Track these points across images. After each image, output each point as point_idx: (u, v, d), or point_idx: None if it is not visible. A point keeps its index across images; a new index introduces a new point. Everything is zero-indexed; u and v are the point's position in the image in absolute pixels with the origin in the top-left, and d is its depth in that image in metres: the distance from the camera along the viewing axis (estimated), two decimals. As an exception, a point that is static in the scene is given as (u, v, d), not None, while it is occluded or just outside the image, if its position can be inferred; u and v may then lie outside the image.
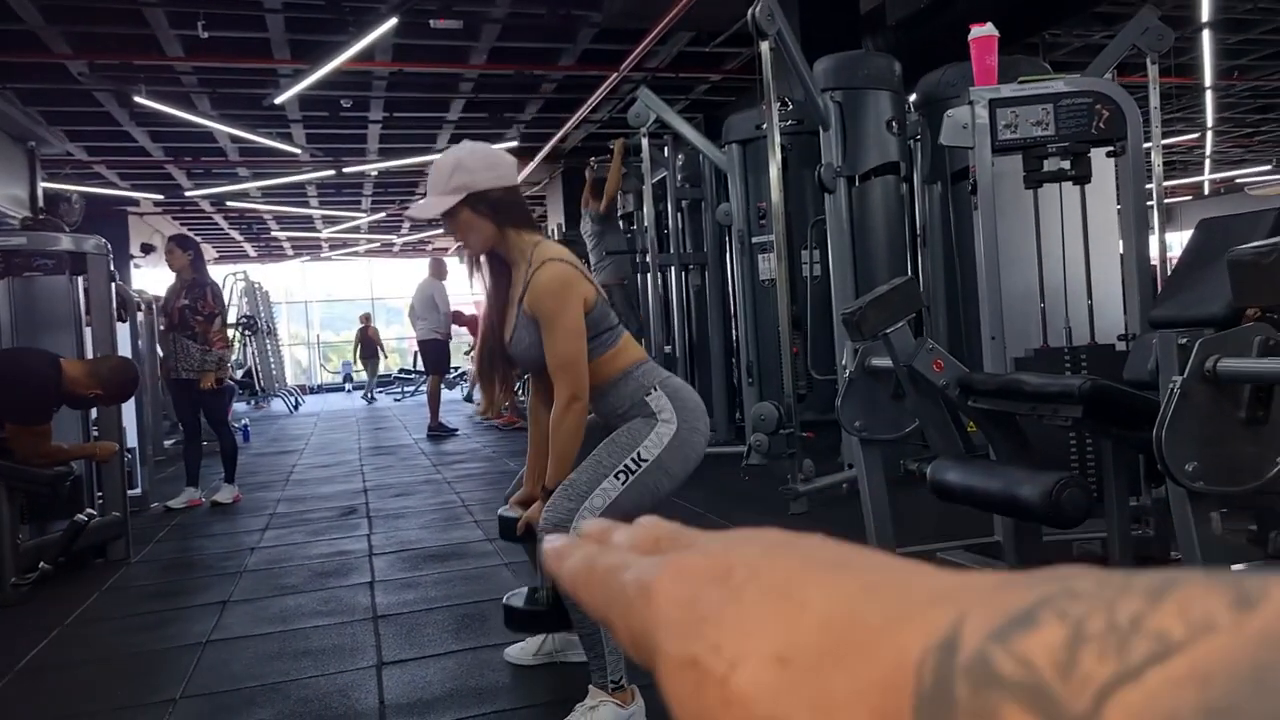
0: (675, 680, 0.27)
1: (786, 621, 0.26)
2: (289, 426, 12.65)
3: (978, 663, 0.22)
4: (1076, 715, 0.20)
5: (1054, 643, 0.21)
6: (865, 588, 0.26)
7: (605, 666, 2.40)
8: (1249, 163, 17.00)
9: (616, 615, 0.31)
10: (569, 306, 2.43)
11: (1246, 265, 1.99)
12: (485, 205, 2.46)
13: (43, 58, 7.81)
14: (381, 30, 7.09)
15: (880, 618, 0.25)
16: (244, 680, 3.03)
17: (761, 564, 0.28)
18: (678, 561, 0.30)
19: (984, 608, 0.23)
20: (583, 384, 2.44)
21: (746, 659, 0.26)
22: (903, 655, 0.24)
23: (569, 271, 2.46)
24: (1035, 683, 0.21)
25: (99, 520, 4.63)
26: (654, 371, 2.57)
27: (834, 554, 0.28)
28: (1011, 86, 3.59)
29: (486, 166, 2.47)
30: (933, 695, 0.23)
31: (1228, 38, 9.22)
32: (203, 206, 15.88)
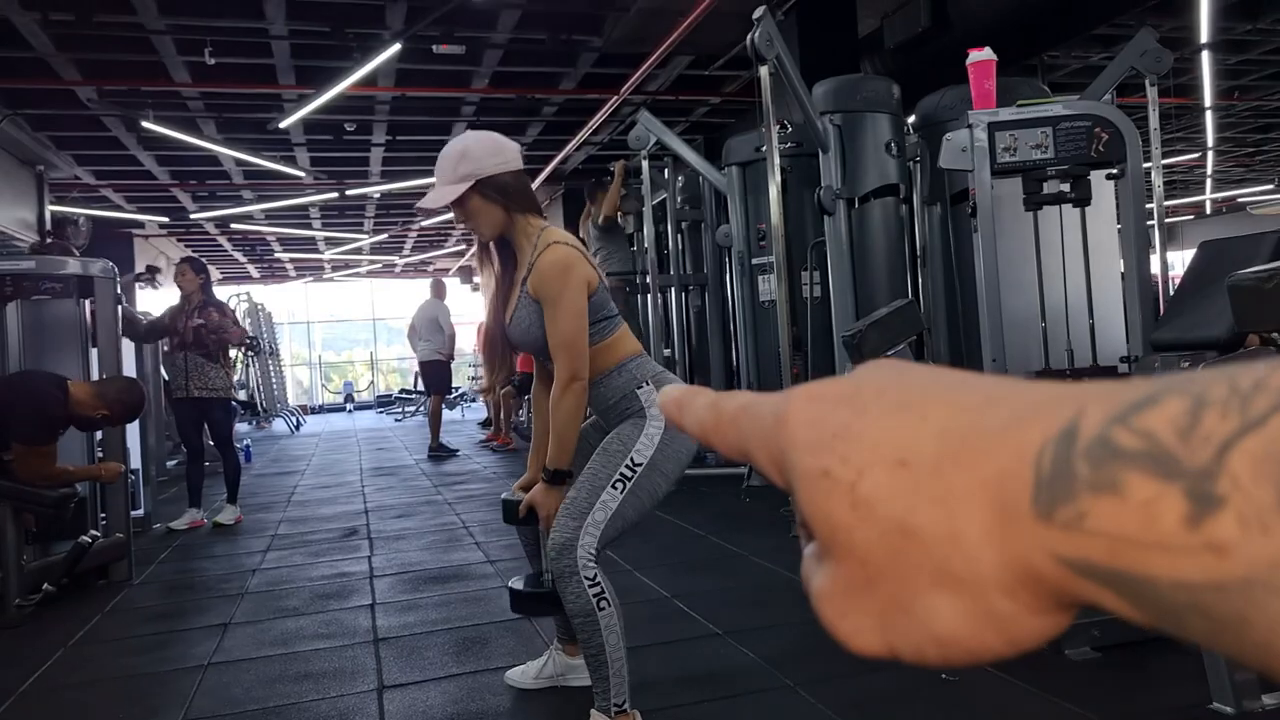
0: (809, 490, 0.29)
1: (908, 431, 0.27)
2: (290, 447, 12.65)
3: (1098, 443, 0.23)
4: (1198, 469, 0.21)
5: (1176, 413, 0.22)
6: (985, 399, 0.27)
7: (609, 690, 2.40)
8: (1250, 182, 17.03)
9: (755, 446, 0.32)
10: (571, 287, 2.44)
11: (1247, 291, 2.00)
12: (493, 190, 2.48)
13: (53, 84, 7.88)
14: (385, 56, 7.14)
15: (999, 422, 0.26)
16: (245, 704, 3.03)
17: (887, 384, 0.29)
18: (808, 388, 0.31)
19: (1103, 401, 0.24)
20: (582, 364, 2.44)
21: (872, 466, 0.27)
22: (1022, 449, 0.25)
23: (573, 254, 2.48)
24: (1156, 448, 0.22)
25: (102, 541, 4.63)
26: (647, 365, 2.58)
27: (956, 376, 0.29)
28: (1010, 110, 3.62)
29: (492, 153, 2.49)
30: (1052, 478, 0.24)
31: (1227, 58, 9.26)
32: (207, 228, 15.93)
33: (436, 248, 19.84)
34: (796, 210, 5.99)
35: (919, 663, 0.27)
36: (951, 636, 0.26)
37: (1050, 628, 0.26)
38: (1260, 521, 0.20)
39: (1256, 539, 0.20)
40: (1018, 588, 0.25)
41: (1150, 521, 0.22)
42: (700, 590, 4.03)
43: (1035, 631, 0.26)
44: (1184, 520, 0.21)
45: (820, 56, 6.68)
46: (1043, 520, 0.24)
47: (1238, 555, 0.20)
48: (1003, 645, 0.26)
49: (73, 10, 6.45)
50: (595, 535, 2.37)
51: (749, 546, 4.73)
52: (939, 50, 6.66)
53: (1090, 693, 2.65)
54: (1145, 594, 0.22)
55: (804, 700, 2.75)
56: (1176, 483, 0.21)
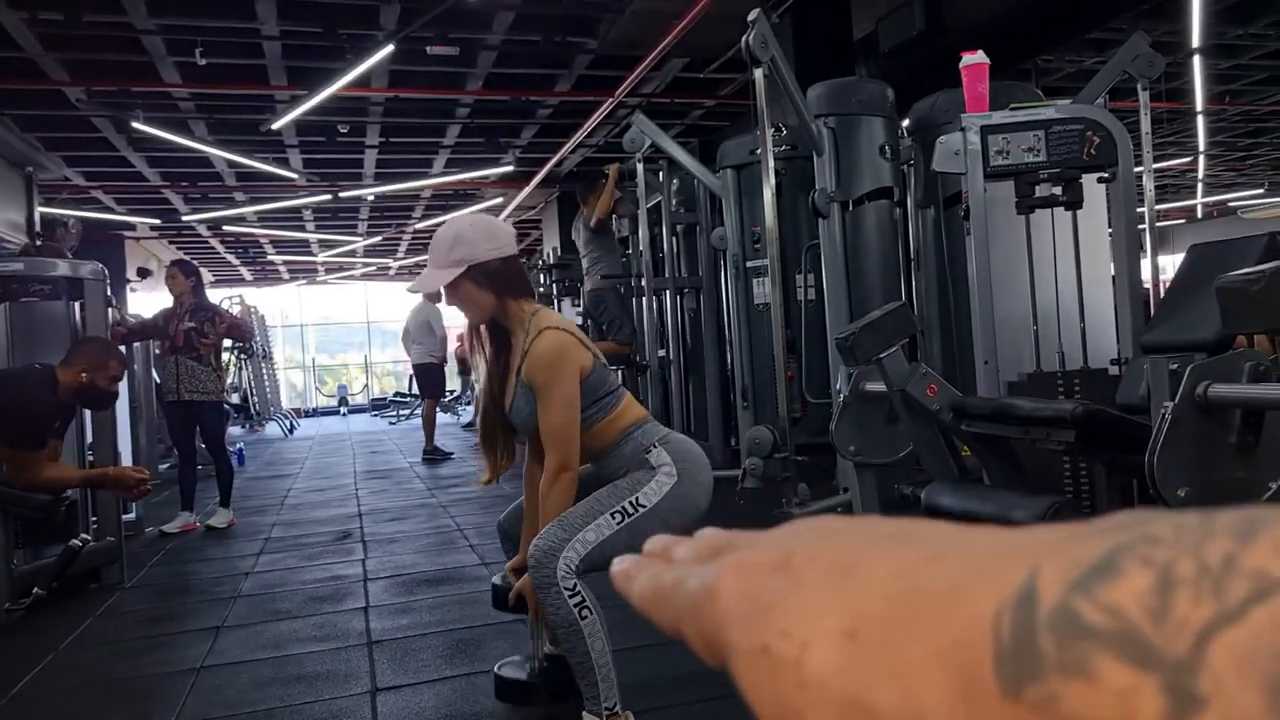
0: (749, 671, 0.27)
1: (851, 597, 0.26)
2: (284, 450, 12.62)
3: (1061, 615, 0.22)
4: (1176, 660, 0.20)
5: (1142, 589, 0.21)
6: (928, 556, 0.26)
7: (599, 694, 2.39)
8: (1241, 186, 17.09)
9: (686, 624, 0.31)
10: (564, 377, 2.46)
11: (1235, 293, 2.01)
12: (484, 276, 2.50)
13: (41, 84, 7.85)
14: (378, 57, 7.13)
15: (948, 582, 0.24)
16: (238, 706, 3.02)
17: (819, 548, 0.28)
18: (736, 559, 0.30)
19: (1057, 560, 0.22)
20: (572, 455, 2.47)
21: (816, 639, 0.25)
22: (977, 614, 0.23)
23: (566, 340, 2.49)
24: (1127, 630, 0.21)
25: (93, 545, 4.61)
26: (653, 430, 2.60)
27: (891, 529, 0.28)
28: (1003, 113, 3.63)
29: (486, 238, 2.52)
30: (1015, 650, 0.22)
31: (1219, 63, 9.29)
32: (199, 231, 15.89)
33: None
34: (791, 213, 5.99)
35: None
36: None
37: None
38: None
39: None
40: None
41: (1127, 713, 0.20)
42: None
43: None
44: (1163, 716, 0.20)
45: (815, 59, 6.69)
46: (1009, 698, 0.22)
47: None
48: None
49: (61, 9, 6.43)
50: (580, 553, 2.36)
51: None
52: (933, 54, 6.68)
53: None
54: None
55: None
56: (1154, 673, 0.20)
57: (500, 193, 13.55)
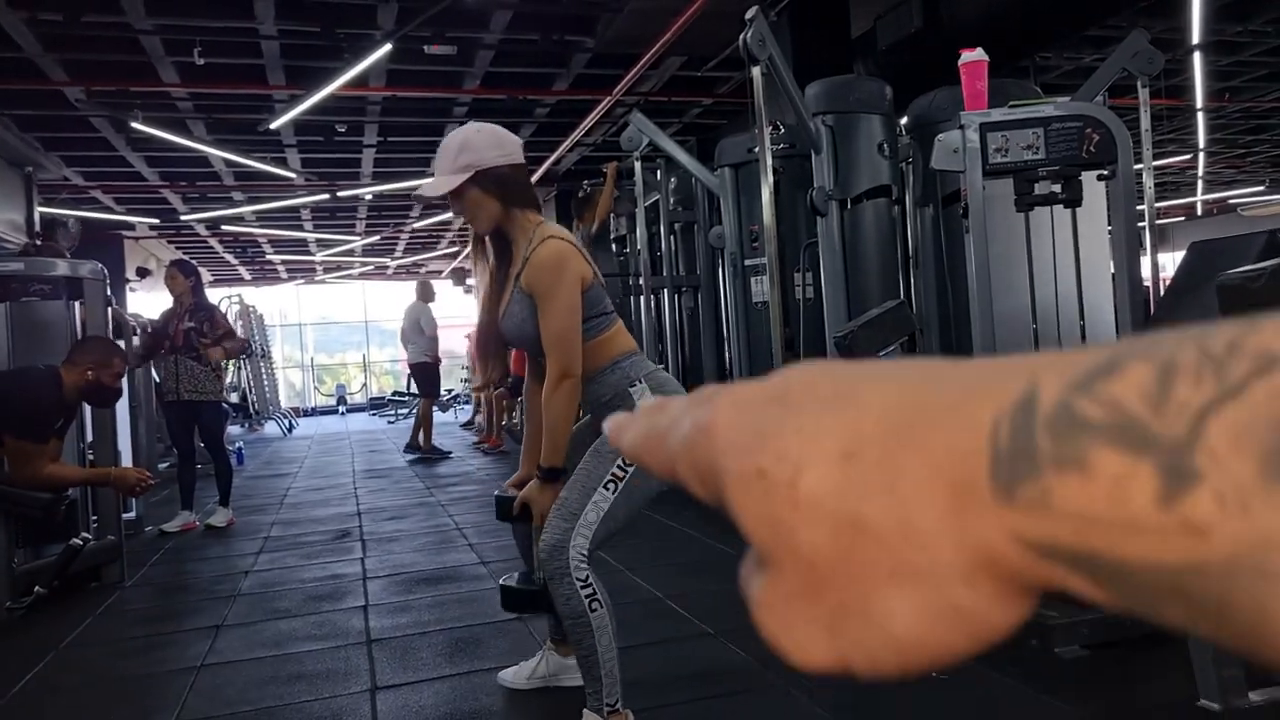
0: (742, 494, 0.27)
1: (848, 419, 0.25)
2: (283, 449, 12.62)
3: (1060, 413, 0.21)
4: (1173, 442, 0.19)
5: (1143, 381, 0.21)
6: (925, 379, 0.25)
7: (601, 690, 2.39)
8: (1241, 183, 17.09)
9: (681, 462, 0.30)
10: (565, 282, 2.44)
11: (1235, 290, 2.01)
12: (492, 183, 2.48)
13: (40, 85, 7.85)
14: (376, 56, 7.13)
15: (947, 399, 0.24)
16: (238, 705, 3.02)
17: (818, 379, 0.27)
18: (732, 393, 0.29)
19: (1060, 369, 0.22)
20: (575, 360, 2.44)
21: (811, 460, 0.25)
22: (975, 425, 0.23)
23: (568, 249, 2.48)
24: (1125, 419, 0.20)
25: (94, 544, 4.61)
26: (641, 364, 2.58)
27: (889, 366, 0.27)
28: (1002, 110, 3.63)
29: (493, 145, 2.49)
30: (1011, 453, 0.22)
31: (1219, 60, 9.29)
32: (198, 230, 15.89)
33: (429, 250, 19.83)
34: (789, 211, 5.99)
35: (873, 674, 0.25)
36: (910, 636, 0.24)
37: (1014, 617, 0.24)
38: (1240, 499, 0.19)
39: (1237, 517, 0.19)
40: (979, 575, 0.23)
41: (1121, 500, 0.20)
42: (693, 590, 4.03)
43: (999, 622, 0.24)
44: (1157, 498, 0.20)
45: (813, 57, 6.69)
46: (1003, 500, 0.22)
47: (1218, 536, 0.19)
48: (965, 641, 0.24)
49: (60, 10, 6.43)
50: (587, 536, 2.37)
51: (742, 546, 4.69)
52: (931, 51, 6.68)
53: (1080, 690, 2.66)
54: (1117, 578, 0.21)
55: (795, 700, 2.76)
56: (1148, 457, 0.20)
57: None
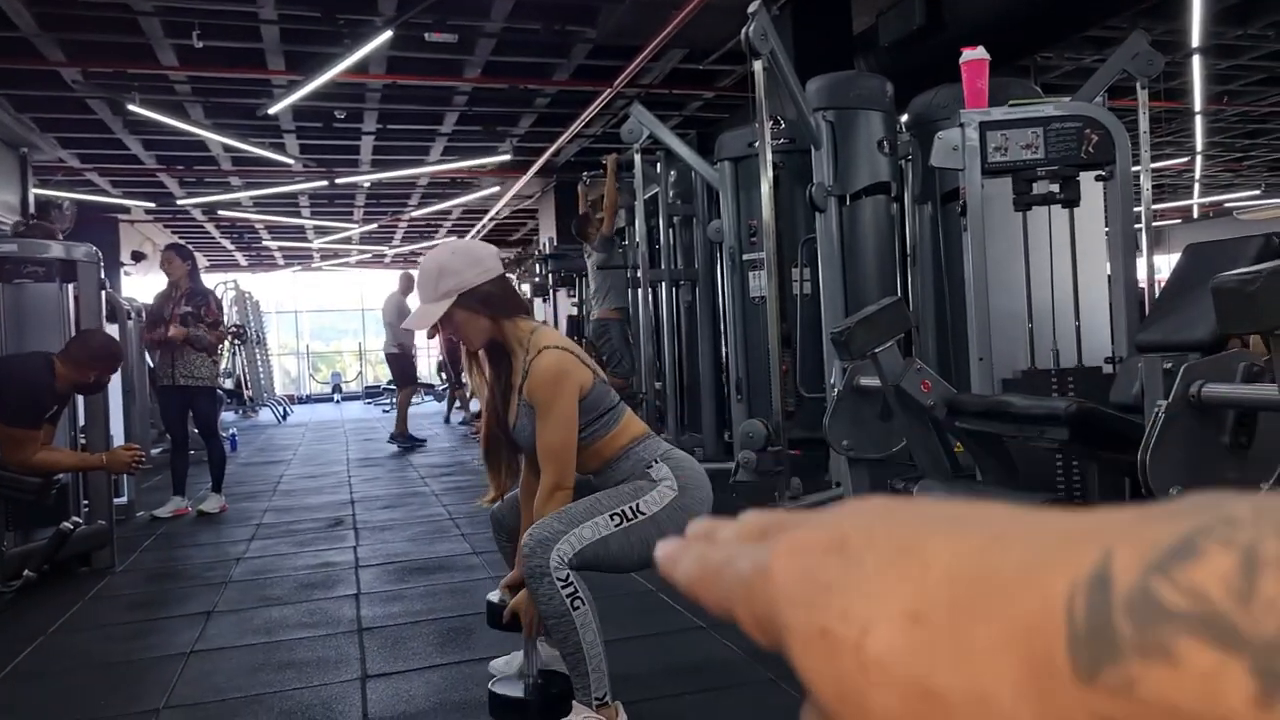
0: (807, 654, 0.26)
1: (913, 580, 0.25)
2: (277, 436, 12.61)
3: (1140, 596, 0.21)
4: (1265, 642, 0.19)
5: (1225, 570, 0.20)
6: (992, 538, 0.25)
7: (589, 684, 2.40)
8: (1238, 187, 17.10)
9: (739, 605, 0.30)
10: (563, 395, 2.47)
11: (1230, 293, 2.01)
12: (477, 302, 2.51)
13: (37, 65, 7.81)
14: (376, 43, 7.10)
15: (1015, 564, 0.24)
16: (227, 691, 3.02)
17: (877, 529, 0.27)
18: (790, 538, 0.29)
19: (1132, 542, 0.22)
20: (568, 473, 2.48)
21: (877, 622, 0.25)
22: (1047, 598, 0.22)
23: (565, 359, 2.50)
24: (1211, 612, 0.20)
25: (84, 528, 4.60)
26: (655, 445, 2.61)
27: (950, 511, 0.27)
28: (1002, 109, 3.63)
29: (470, 264, 2.52)
30: (1090, 633, 0.21)
31: (1218, 63, 9.29)
32: (194, 215, 15.84)
33: (427, 239, 19.80)
34: (788, 206, 5.98)
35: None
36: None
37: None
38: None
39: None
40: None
41: (1213, 696, 0.20)
42: (685, 584, 4.03)
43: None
44: (1255, 700, 0.19)
45: (814, 53, 6.68)
46: (1084, 681, 0.22)
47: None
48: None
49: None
50: (574, 547, 2.37)
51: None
52: (933, 49, 6.67)
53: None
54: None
55: (786, 693, 2.76)
56: (1241, 655, 0.20)
57: (497, 181, 13.52)
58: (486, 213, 16.04)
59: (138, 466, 4.46)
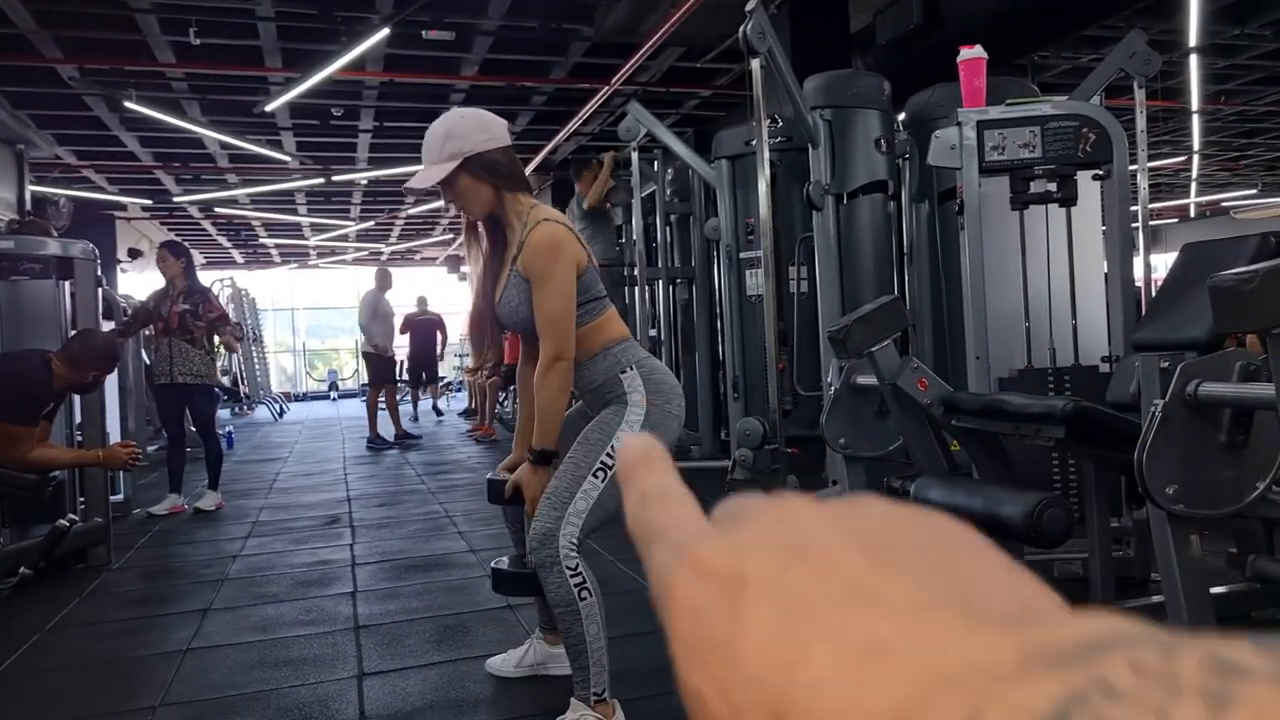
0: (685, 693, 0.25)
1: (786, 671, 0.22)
2: (273, 434, 12.60)
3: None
4: None
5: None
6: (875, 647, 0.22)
7: (589, 679, 2.40)
8: (1235, 186, 17.13)
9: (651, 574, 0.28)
10: (560, 266, 2.44)
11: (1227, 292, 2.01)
12: (481, 168, 2.47)
13: (34, 61, 7.79)
14: (373, 40, 7.09)
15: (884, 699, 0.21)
16: (224, 689, 3.02)
17: (773, 581, 0.24)
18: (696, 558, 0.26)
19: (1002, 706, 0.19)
20: (568, 344, 2.44)
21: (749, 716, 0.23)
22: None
23: (563, 232, 2.48)
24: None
25: (81, 525, 4.59)
26: (632, 350, 2.58)
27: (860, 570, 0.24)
28: (999, 108, 3.63)
29: (478, 129, 2.48)
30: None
31: (1215, 62, 9.30)
32: (191, 212, 15.81)
33: (423, 236, 19.78)
34: (785, 205, 5.99)
35: None
36: None
37: None
38: None
39: None
40: None
41: None
42: (681, 582, 4.03)
43: None
44: None
45: (812, 51, 6.68)
46: None
47: None
48: None
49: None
50: (577, 525, 2.37)
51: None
52: (930, 47, 6.67)
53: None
54: None
55: (783, 693, 2.76)
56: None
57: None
58: (483, 210, 16.02)
59: (134, 463, 4.48)
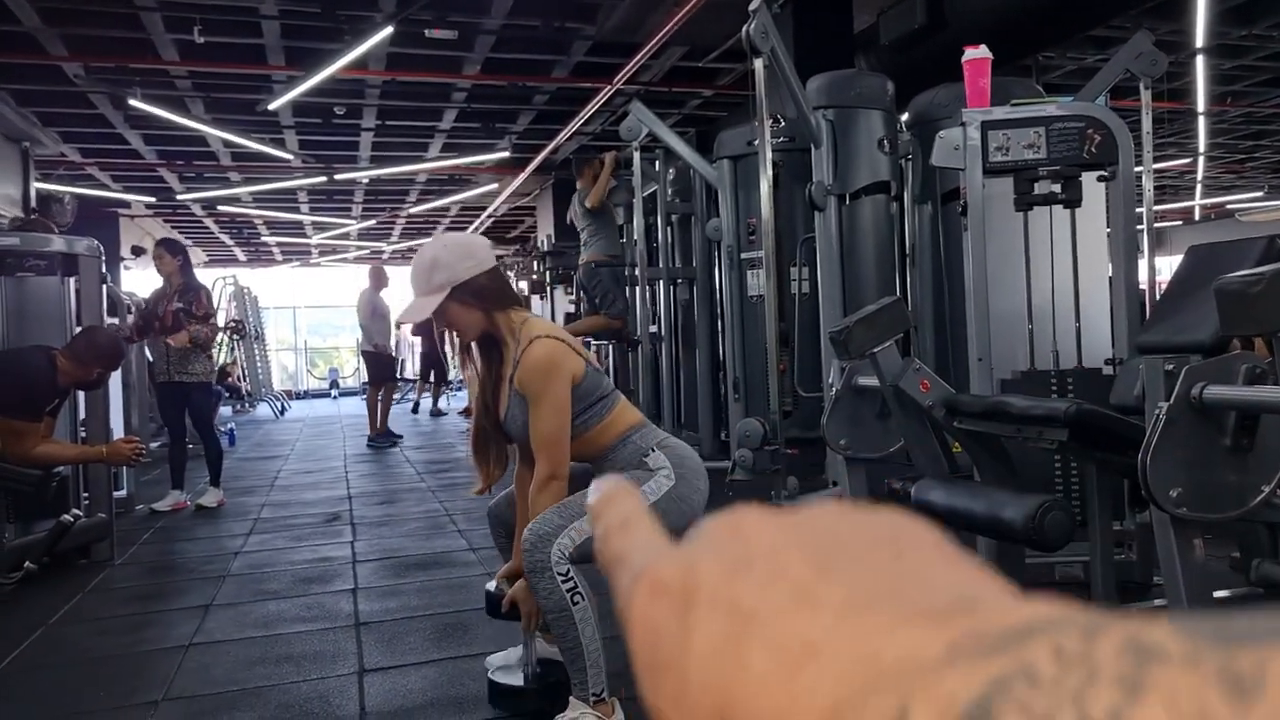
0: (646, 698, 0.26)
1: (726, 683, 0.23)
2: (274, 431, 12.60)
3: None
4: None
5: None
6: (810, 651, 0.23)
7: (587, 680, 2.40)
8: (1240, 189, 17.10)
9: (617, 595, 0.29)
10: (555, 384, 2.47)
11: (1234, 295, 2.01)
12: (470, 295, 2.51)
13: (39, 59, 7.80)
14: (376, 39, 7.09)
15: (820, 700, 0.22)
16: (225, 685, 3.02)
17: (719, 591, 0.25)
18: (652, 576, 0.27)
19: (929, 699, 0.20)
20: (562, 462, 2.48)
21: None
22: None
23: (557, 348, 2.50)
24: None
25: (84, 521, 4.60)
26: (651, 434, 2.61)
27: (803, 576, 0.24)
28: (1004, 109, 3.62)
29: (463, 257, 2.52)
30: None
31: (1222, 63, 9.28)
32: (194, 210, 15.83)
33: (425, 235, 19.79)
34: (787, 205, 5.98)
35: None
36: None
37: None
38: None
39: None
40: None
41: None
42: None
43: None
44: None
45: (815, 51, 6.68)
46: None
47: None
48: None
49: (61, -16, 6.40)
50: (574, 540, 2.37)
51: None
52: (934, 48, 6.67)
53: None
54: None
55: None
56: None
57: (495, 179, 13.52)
58: (485, 209, 16.03)
59: (138, 459, 4.49)
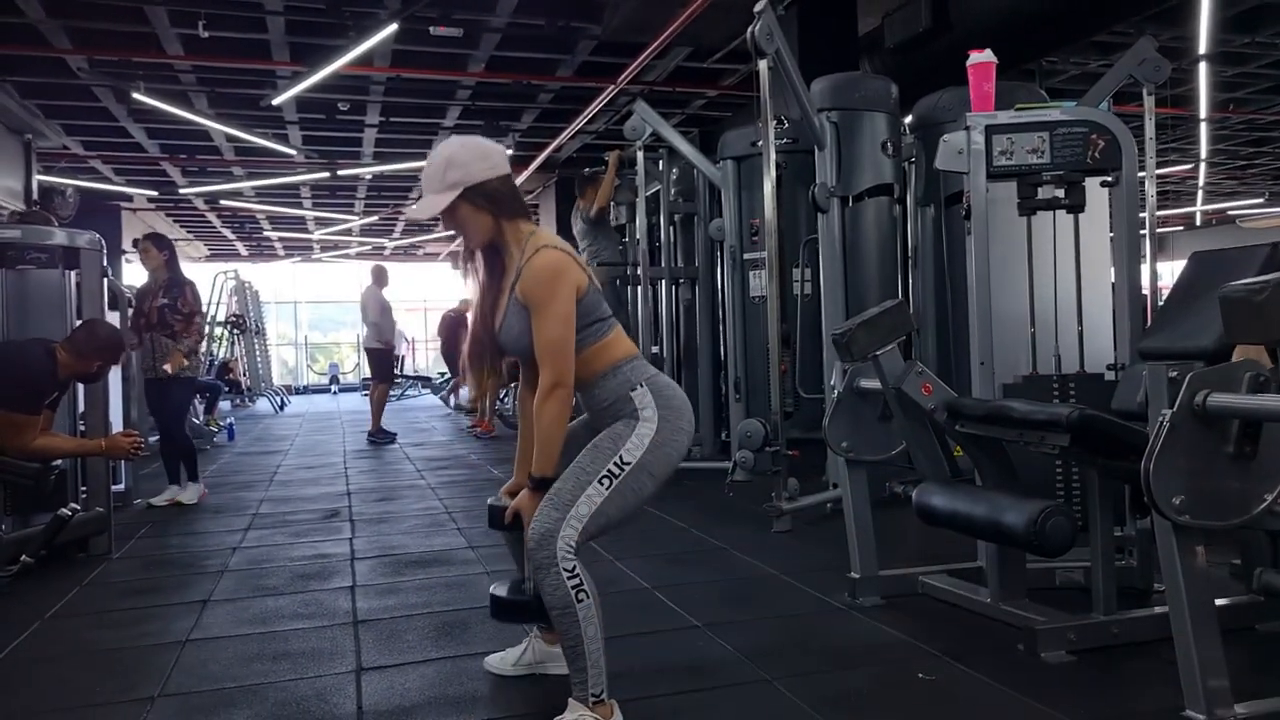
0: None
1: None
2: (274, 427, 12.60)
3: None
4: None
5: None
6: None
7: (587, 680, 2.39)
8: (1241, 195, 17.12)
9: None
10: (560, 293, 2.43)
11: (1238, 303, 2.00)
12: (482, 198, 2.48)
13: (43, 51, 7.80)
14: (381, 36, 7.09)
15: None
16: (222, 681, 3.01)
17: None
18: None
19: None
20: (567, 371, 2.43)
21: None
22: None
23: (562, 258, 2.47)
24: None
25: (82, 515, 4.59)
26: (641, 368, 2.57)
27: None
28: (1008, 113, 3.62)
29: (478, 158, 2.49)
30: None
31: (1224, 70, 9.29)
32: (196, 204, 15.84)
33: (426, 231, 19.79)
34: (790, 206, 5.99)
35: None
36: None
37: None
38: None
39: None
40: None
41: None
42: (681, 582, 4.03)
43: None
44: None
45: (819, 53, 6.67)
46: None
47: None
48: None
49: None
50: (576, 529, 2.36)
51: (731, 540, 4.73)
52: (939, 51, 6.67)
53: (1064, 695, 2.66)
54: None
55: (781, 694, 2.76)
56: None
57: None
58: (488, 207, 16.02)
59: (137, 452, 4.49)
